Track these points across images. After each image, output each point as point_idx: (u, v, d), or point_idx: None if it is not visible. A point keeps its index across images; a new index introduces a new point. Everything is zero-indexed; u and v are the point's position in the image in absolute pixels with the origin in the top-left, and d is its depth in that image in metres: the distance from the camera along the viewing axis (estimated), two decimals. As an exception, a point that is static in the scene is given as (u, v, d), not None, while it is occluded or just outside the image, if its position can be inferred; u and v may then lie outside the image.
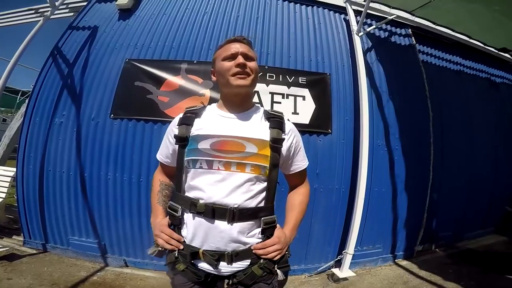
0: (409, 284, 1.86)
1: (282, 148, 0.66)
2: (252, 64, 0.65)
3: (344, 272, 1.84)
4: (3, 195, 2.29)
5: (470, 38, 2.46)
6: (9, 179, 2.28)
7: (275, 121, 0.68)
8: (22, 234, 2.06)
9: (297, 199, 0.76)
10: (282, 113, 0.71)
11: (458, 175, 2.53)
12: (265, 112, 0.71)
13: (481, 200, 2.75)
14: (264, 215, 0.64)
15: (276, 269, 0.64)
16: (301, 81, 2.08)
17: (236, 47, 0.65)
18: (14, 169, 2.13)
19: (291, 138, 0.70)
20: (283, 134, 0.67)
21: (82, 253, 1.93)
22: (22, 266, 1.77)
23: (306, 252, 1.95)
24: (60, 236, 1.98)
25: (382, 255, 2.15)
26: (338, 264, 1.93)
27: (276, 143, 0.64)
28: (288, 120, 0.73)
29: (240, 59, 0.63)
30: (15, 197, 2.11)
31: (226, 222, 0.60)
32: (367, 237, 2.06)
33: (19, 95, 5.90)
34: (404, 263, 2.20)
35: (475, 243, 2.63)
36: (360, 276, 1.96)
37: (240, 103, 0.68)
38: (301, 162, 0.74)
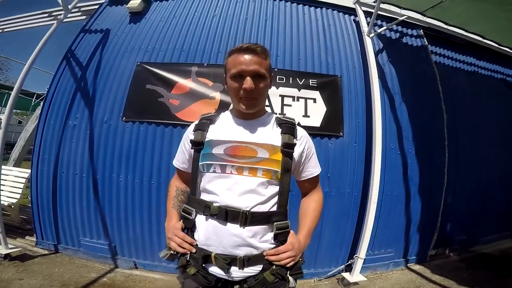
0: None
1: (293, 153, 0.66)
2: (261, 86, 0.64)
3: (354, 276, 1.82)
4: (18, 196, 2.34)
5: (484, 38, 2.39)
6: (24, 180, 2.33)
7: (287, 126, 0.69)
8: (34, 235, 2.09)
9: (311, 205, 0.75)
10: (293, 119, 0.72)
11: (473, 178, 2.47)
12: (277, 118, 0.72)
13: (497, 203, 2.68)
14: (277, 220, 0.64)
15: (288, 275, 0.63)
16: (311, 83, 2.06)
17: (246, 63, 0.62)
18: (29, 171, 2.17)
19: (303, 143, 0.70)
20: (294, 140, 0.67)
21: (92, 254, 1.95)
22: (34, 267, 1.80)
23: (316, 256, 1.93)
24: (72, 237, 2.01)
25: (394, 259, 2.12)
26: (349, 268, 1.90)
27: (287, 147, 0.65)
28: (299, 126, 0.72)
29: (247, 83, 0.61)
30: (29, 198, 2.15)
31: (238, 225, 0.60)
32: (378, 241, 2.03)
33: (34, 97, 6.05)
34: (416, 267, 2.15)
35: (490, 248, 2.56)
36: (371, 281, 1.93)
37: (251, 114, 0.69)
38: (313, 169, 0.74)
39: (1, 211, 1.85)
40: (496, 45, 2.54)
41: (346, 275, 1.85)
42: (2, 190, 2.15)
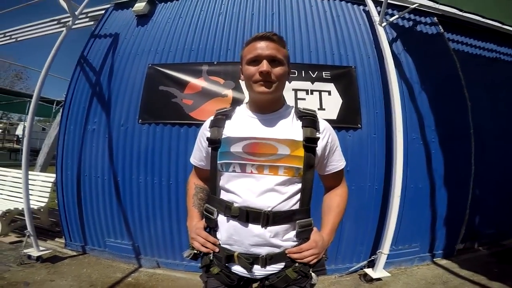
0: (449, 284, 1.75)
1: (317, 148, 0.63)
2: (278, 70, 0.61)
3: (378, 272, 1.76)
4: (46, 200, 2.46)
5: (503, 24, 2.24)
6: (50, 184, 2.44)
7: (308, 119, 0.65)
8: (63, 237, 2.19)
9: (335, 200, 0.72)
10: (314, 111, 0.68)
11: (502, 168, 2.34)
12: (297, 110, 0.68)
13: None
14: (300, 218, 0.62)
15: (311, 272, 0.61)
16: (325, 75, 2.00)
17: (262, 48, 0.60)
18: (54, 175, 2.26)
19: (327, 136, 0.66)
20: (317, 133, 0.64)
21: (117, 255, 2.01)
22: (64, 268, 1.87)
23: (336, 252, 1.89)
24: (98, 238, 2.08)
25: (419, 254, 2.04)
26: (371, 264, 1.85)
27: (310, 142, 0.61)
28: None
29: (263, 66, 0.59)
30: (56, 201, 2.25)
31: (260, 226, 0.59)
32: (402, 236, 1.96)
33: (54, 104, 6.33)
34: (443, 262, 2.07)
35: (522, 241, 2.42)
36: (395, 276, 1.87)
37: (268, 105, 0.66)
38: (337, 162, 0.70)
39: (31, 214, 1.93)
40: None
41: (368, 270, 1.80)
42: (31, 195, 2.26)
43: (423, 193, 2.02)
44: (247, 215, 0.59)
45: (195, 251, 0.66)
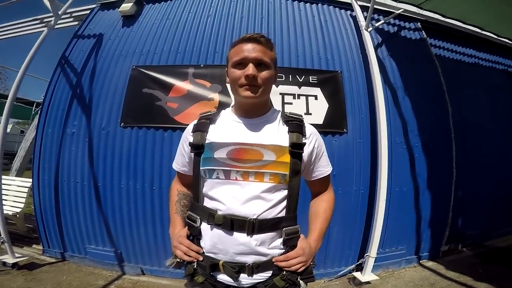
0: (436, 286, 1.77)
1: (303, 153, 0.62)
2: (264, 74, 0.59)
3: (366, 275, 1.77)
4: (22, 205, 2.35)
5: (482, 30, 2.35)
6: (26, 189, 2.34)
7: (294, 124, 0.63)
8: (41, 243, 2.09)
9: (322, 206, 0.71)
10: (301, 115, 0.67)
11: (483, 171, 2.41)
12: (283, 115, 0.67)
13: (510, 196, 2.60)
14: (286, 225, 0.60)
15: (299, 280, 0.60)
16: (312, 80, 2.01)
17: (248, 50, 0.58)
18: (31, 180, 2.16)
19: (313, 142, 0.65)
20: (303, 138, 0.63)
21: (99, 262, 1.93)
22: (42, 275, 1.79)
23: (325, 256, 1.89)
24: (78, 245, 2.00)
25: (406, 256, 2.06)
26: (359, 267, 1.85)
27: (296, 148, 0.60)
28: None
29: (249, 70, 0.57)
30: (33, 207, 2.15)
31: (245, 234, 0.57)
32: (389, 238, 1.98)
33: (34, 106, 6.07)
34: (429, 264, 2.10)
35: (504, 241, 2.49)
36: (384, 279, 1.88)
37: (254, 109, 0.64)
38: (324, 168, 0.69)
39: (6, 220, 1.85)
40: (495, 36, 2.49)
41: (357, 274, 1.80)
42: (6, 200, 2.16)
43: (408, 196, 2.05)
44: (232, 223, 0.57)
45: (178, 260, 0.63)
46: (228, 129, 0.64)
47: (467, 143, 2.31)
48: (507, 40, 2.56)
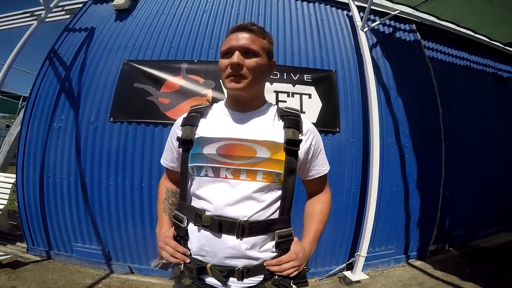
0: (424, 285, 1.80)
1: (299, 151, 0.58)
2: (250, 62, 0.54)
3: (356, 275, 1.79)
4: (5, 202, 2.26)
5: (475, 33, 2.41)
6: (10, 185, 2.24)
7: (291, 119, 0.59)
8: (25, 241, 2.02)
9: (318, 207, 0.67)
10: (298, 110, 0.62)
11: (470, 172, 2.46)
12: (279, 109, 0.63)
13: (494, 197, 2.68)
14: (279, 228, 0.57)
15: (292, 284, 0.57)
16: (306, 78, 2.00)
17: (236, 39, 0.55)
18: (15, 176, 2.08)
19: (310, 138, 0.61)
20: (300, 135, 0.59)
21: (86, 260, 1.88)
22: (26, 274, 1.74)
23: (316, 255, 1.89)
24: (64, 243, 1.94)
25: (395, 256, 2.09)
26: (350, 266, 1.87)
27: (291, 145, 0.56)
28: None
29: (234, 58, 0.53)
30: (16, 203, 2.07)
31: (235, 237, 0.53)
32: (379, 238, 2.00)
33: (21, 100, 5.89)
34: (418, 263, 2.13)
35: (488, 242, 2.56)
36: (373, 278, 1.90)
37: (246, 102, 0.60)
38: (321, 167, 0.66)
39: None
40: (487, 39, 2.54)
41: (347, 273, 1.82)
42: (-13, 197, 2.07)
43: (398, 196, 2.07)
44: (220, 225, 0.53)
45: (164, 261, 0.61)
46: (219, 123, 0.60)
47: (455, 144, 2.35)
48: (498, 44, 2.62)
